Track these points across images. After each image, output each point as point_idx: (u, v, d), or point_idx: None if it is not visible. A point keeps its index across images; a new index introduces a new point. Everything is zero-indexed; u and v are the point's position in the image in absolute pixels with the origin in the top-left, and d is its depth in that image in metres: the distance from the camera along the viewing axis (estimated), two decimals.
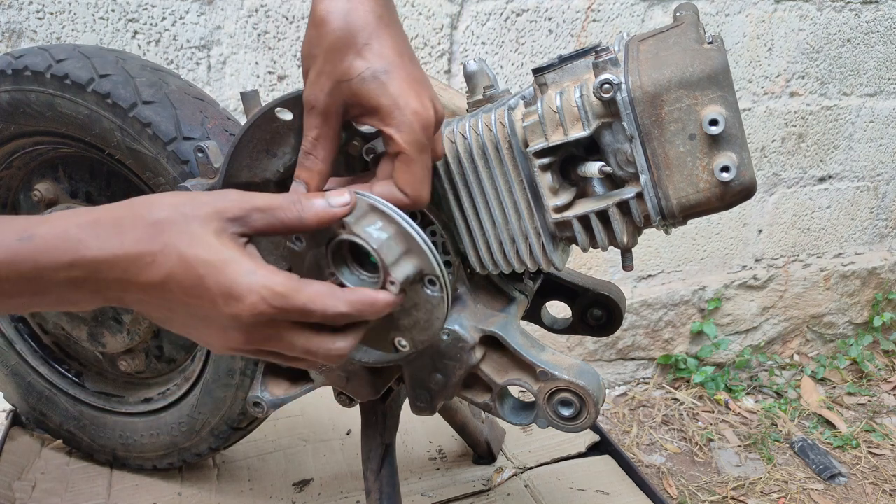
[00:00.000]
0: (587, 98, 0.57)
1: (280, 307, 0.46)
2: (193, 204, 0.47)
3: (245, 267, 0.45)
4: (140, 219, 0.46)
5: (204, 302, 0.46)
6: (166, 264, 0.45)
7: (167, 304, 0.47)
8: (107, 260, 0.45)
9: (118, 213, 0.46)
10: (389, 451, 0.79)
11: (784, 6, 1.66)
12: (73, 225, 0.45)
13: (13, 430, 1.16)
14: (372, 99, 0.51)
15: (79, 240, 0.44)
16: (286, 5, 1.26)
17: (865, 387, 2.05)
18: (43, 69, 0.82)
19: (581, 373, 0.63)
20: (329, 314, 0.47)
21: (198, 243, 0.45)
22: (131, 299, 0.47)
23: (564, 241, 0.65)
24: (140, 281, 0.45)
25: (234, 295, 0.45)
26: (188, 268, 0.45)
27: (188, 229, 0.45)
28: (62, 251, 0.44)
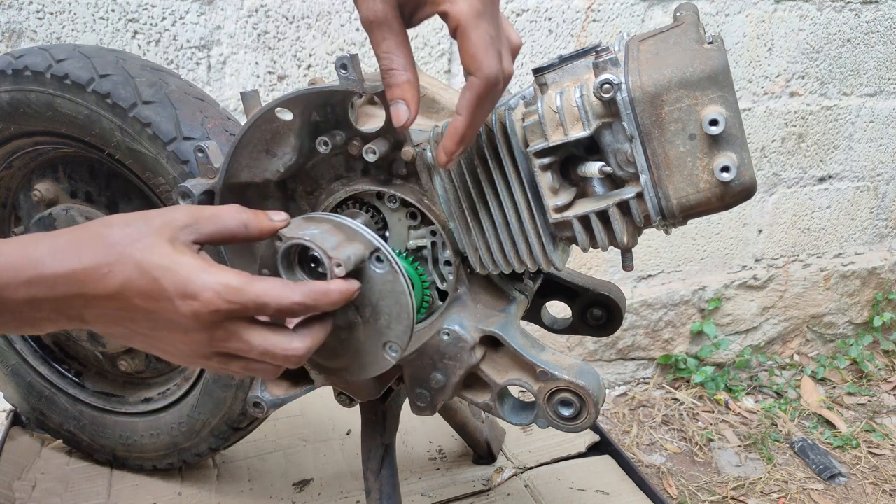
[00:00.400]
0: (587, 98, 0.57)
1: (235, 301, 0.47)
2: (146, 219, 0.49)
3: (199, 267, 0.47)
4: (96, 236, 0.48)
5: (162, 304, 0.47)
6: (122, 273, 0.47)
7: (128, 314, 0.48)
8: (64, 275, 0.46)
9: (76, 233, 0.48)
10: (389, 451, 0.79)
11: (784, 6, 1.66)
12: (33, 247, 0.47)
13: (13, 430, 1.16)
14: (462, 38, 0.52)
15: (37, 258, 0.46)
16: (286, 5, 1.26)
17: (865, 387, 2.05)
18: (43, 69, 0.82)
19: (581, 373, 0.63)
20: (284, 305, 0.49)
21: (152, 250, 0.47)
22: (91, 315, 0.49)
23: (564, 241, 0.65)
24: (98, 293, 0.47)
25: (190, 293, 0.47)
26: (143, 273, 0.47)
27: (143, 240, 0.47)
28: (21, 269, 0.46)
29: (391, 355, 0.59)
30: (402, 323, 0.58)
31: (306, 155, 0.66)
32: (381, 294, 0.57)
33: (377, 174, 0.66)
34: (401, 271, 0.57)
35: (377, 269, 0.57)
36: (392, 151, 0.64)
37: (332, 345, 0.59)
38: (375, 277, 0.57)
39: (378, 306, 0.58)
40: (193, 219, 0.50)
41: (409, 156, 0.63)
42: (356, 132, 0.63)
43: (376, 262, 0.56)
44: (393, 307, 0.58)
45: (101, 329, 0.51)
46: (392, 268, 0.56)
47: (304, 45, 1.31)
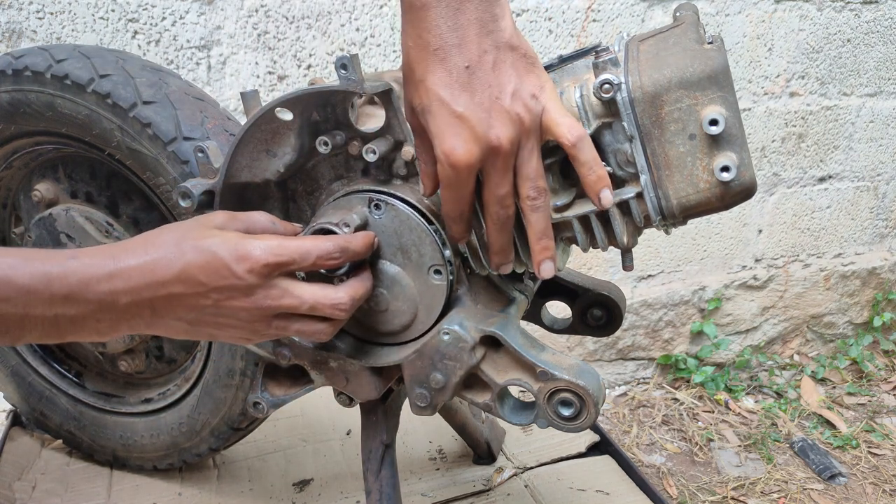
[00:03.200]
0: (587, 98, 0.57)
1: (281, 254, 0.56)
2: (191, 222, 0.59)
3: (245, 236, 0.57)
4: (161, 237, 0.57)
5: (222, 272, 0.55)
6: (184, 256, 0.55)
7: (194, 293, 0.56)
8: (138, 266, 0.54)
9: (143, 237, 0.57)
10: (389, 451, 0.79)
11: (784, 6, 1.66)
12: (108, 248, 0.56)
13: (13, 430, 1.16)
14: (426, 129, 0.55)
15: (114, 255, 0.54)
16: (286, 5, 1.26)
17: (865, 387, 2.05)
18: (43, 69, 0.82)
19: (581, 373, 0.63)
20: (322, 251, 0.58)
21: (204, 235, 0.56)
22: (160, 303, 0.56)
23: (564, 242, 0.65)
24: (166, 277, 0.55)
25: (244, 255, 0.55)
26: (201, 251, 0.55)
27: (193, 231, 0.57)
28: (104, 265, 0.54)
29: (437, 279, 0.65)
30: (426, 244, 0.63)
31: (306, 155, 0.66)
32: (397, 233, 0.64)
33: (377, 174, 0.66)
34: (398, 200, 0.63)
35: (379, 215, 0.64)
36: (392, 151, 0.64)
37: (396, 307, 0.67)
38: (384, 222, 0.64)
39: (402, 245, 0.64)
40: (230, 219, 0.60)
41: (409, 156, 0.63)
42: (356, 132, 0.63)
43: (375, 209, 0.64)
44: (412, 236, 0.64)
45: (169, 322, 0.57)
46: (389, 204, 0.63)
47: (304, 45, 1.31)
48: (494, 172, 0.54)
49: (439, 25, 0.51)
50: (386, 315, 0.69)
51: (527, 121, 0.53)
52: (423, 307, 0.67)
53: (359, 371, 0.70)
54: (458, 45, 0.52)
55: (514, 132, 0.53)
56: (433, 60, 0.52)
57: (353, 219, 0.62)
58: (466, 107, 0.52)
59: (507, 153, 0.53)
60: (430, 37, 0.52)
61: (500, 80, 0.53)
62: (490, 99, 0.52)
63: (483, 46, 0.52)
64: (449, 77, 0.52)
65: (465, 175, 0.54)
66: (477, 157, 0.53)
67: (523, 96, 0.53)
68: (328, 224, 0.62)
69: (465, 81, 0.52)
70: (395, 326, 0.69)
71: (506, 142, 0.53)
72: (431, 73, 0.52)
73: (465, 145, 0.52)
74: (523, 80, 0.54)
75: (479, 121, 0.52)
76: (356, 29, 1.33)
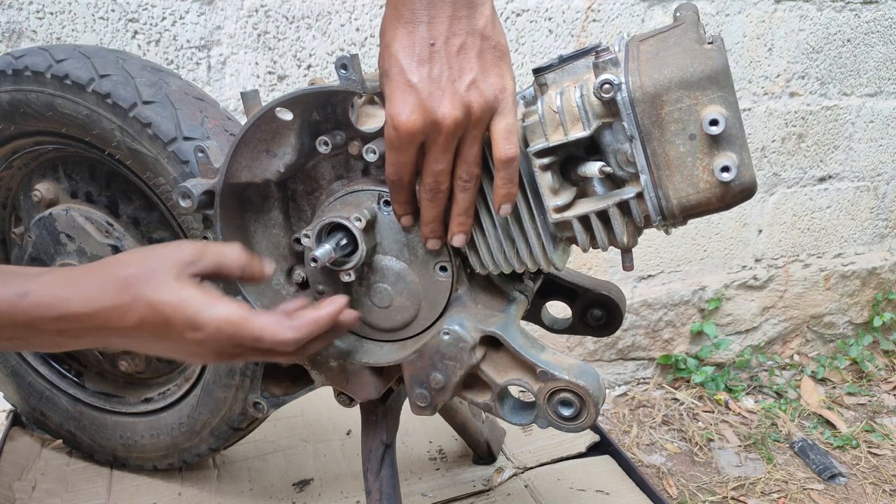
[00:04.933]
0: (587, 98, 0.57)
1: (234, 334, 0.56)
2: (155, 257, 0.57)
3: (203, 302, 0.55)
4: (113, 276, 0.55)
5: (173, 334, 0.55)
6: (138, 312, 0.55)
7: (145, 340, 0.57)
8: (88, 314, 0.54)
9: (97, 274, 0.56)
10: (389, 451, 0.79)
11: (784, 6, 1.66)
12: (60, 284, 0.55)
13: (13, 430, 1.16)
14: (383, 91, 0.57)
15: (66, 298, 0.54)
16: (286, 5, 1.26)
17: (865, 387, 2.05)
18: (43, 69, 0.82)
19: (581, 373, 0.63)
20: (279, 341, 0.57)
21: (161, 289, 0.55)
22: (112, 342, 0.57)
23: (565, 242, 0.65)
24: (119, 327, 0.55)
25: (197, 326, 0.55)
26: (156, 312, 0.55)
27: (153, 279, 0.55)
28: (52, 307, 0.54)
29: (442, 275, 0.66)
30: None
31: (306, 155, 0.66)
32: (403, 230, 0.65)
33: (377, 174, 0.66)
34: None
35: (388, 211, 0.65)
36: None
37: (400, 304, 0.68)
38: (392, 218, 0.65)
39: (409, 241, 0.65)
40: (198, 255, 0.57)
41: None
42: (356, 132, 0.63)
43: (384, 206, 0.65)
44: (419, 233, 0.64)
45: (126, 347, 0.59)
46: None
47: (304, 45, 1.31)
48: (434, 147, 0.56)
49: (413, 1, 0.53)
50: (389, 311, 0.69)
51: (476, 112, 0.55)
52: (426, 303, 0.67)
53: (359, 371, 0.70)
54: (427, 23, 0.53)
55: (461, 116, 0.55)
56: (402, 31, 0.54)
57: (364, 214, 0.63)
58: (421, 78, 0.54)
59: (449, 132, 0.55)
60: (404, 9, 0.54)
61: (462, 65, 0.54)
62: (448, 79, 0.54)
63: (453, 29, 0.54)
64: (412, 48, 0.54)
65: (406, 140, 0.55)
66: (419, 127, 0.54)
67: (481, 87, 0.55)
68: (340, 218, 0.62)
69: (426, 57, 0.54)
70: (397, 323, 0.69)
71: (450, 121, 0.54)
72: (397, 41, 0.54)
73: (410, 112, 0.54)
74: (486, 72, 0.55)
75: (430, 94, 0.54)
76: (356, 29, 1.33)
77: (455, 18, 0.53)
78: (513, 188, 0.58)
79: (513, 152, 0.56)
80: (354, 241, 0.64)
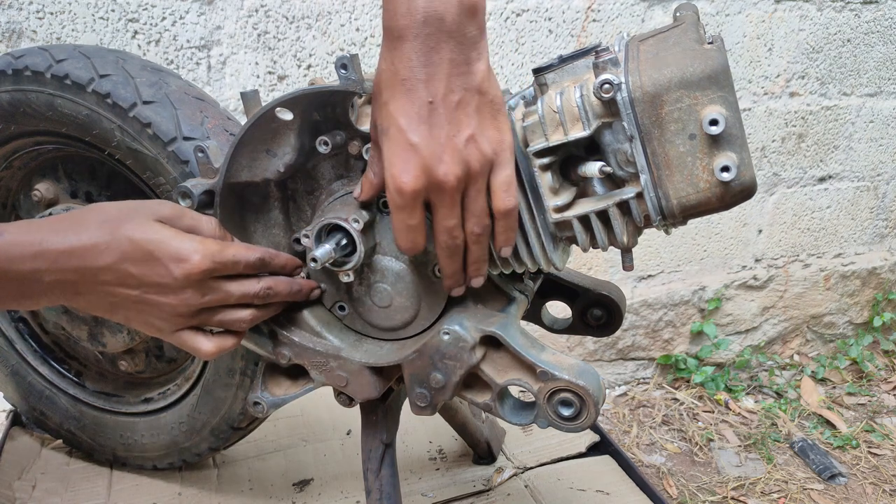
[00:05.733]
0: (587, 98, 0.57)
1: (218, 259, 0.59)
2: (134, 204, 0.59)
3: (185, 237, 0.58)
4: (93, 219, 0.57)
5: (156, 269, 0.57)
6: (119, 248, 0.56)
7: (121, 283, 0.57)
8: (66, 251, 0.55)
9: (74, 216, 0.57)
10: (389, 450, 0.79)
11: (784, 6, 1.66)
12: (36, 227, 0.56)
13: (13, 430, 1.16)
14: (380, 150, 0.57)
15: (41, 237, 0.55)
16: (286, 5, 1.26)
17: (865, 387, 2.05)
18: (43, 69, 0.82)
19: (581, 373, 0.63)
20: (250, 259, 0.62)
21: (143, 228, 0.57)
22: (85, 286, 0.57)
23: (565, 241, 0.65)
24: (96, 265, 0.56)
25: (183, 257, 0.57)
26: (138, 247, 0.56)
27: (133, 219, 0.57)
28: (29, 244, 0.54)
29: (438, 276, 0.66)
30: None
31: (306, 155, 0.66)
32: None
33: None
34: None
35: (387, 212, 0.64)
36: None
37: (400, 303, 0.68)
38: None
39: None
40: (176, 214, 0.60)
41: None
42: (356, 132, 0.63)
43: (384, 206, 0.65)
44: None
45: (90, 300, 0.59)
46: None
47: (304, 45, 1.31)
48: (441, 205, 0.57)
49: (412, 59, 0.53)
50: (389, 311, 0.69)
51: (476, 167, 0.55)
52: (425, 304, 0.67)
53: (359, 371, 0.70)
54: (425, 81, 0.53)
55: (462, 172, 0.55)
56: (400, 89, 0.54)
57: (362, 215, 0.63)
58: (421, 138, 0.54)
59: (452, 189, 0.55)
60: (402, 67, 0.53)
61: (460, 120, 0.54)
62: (447, 136, 0.54)
63: (451, 86, 0.54)
64: (411, 108, 0.54)
65: (410, 201, 0.56)
66: (422, 187, 0.55)
67: (479, 142, 0.55)
68: (338, 220, 0.63)
69: (426, 115, 0.54)
70: (397, 322, 0.69)
71: (452, 178, 0.55)
72: (395, 99, 0.54)
73: (412, 174, 0.54)
74: (484, 126, 0.55)
75: (431, 154, 0.54)
76: (356, 29, 1.33)
77: (452, 75, 0.53)
78: (512, 234, 0.60)
79: (511, 204, 0.57)
80: (354, 242, 0.64)
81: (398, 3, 0.52)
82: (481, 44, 0.55)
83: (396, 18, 0.53)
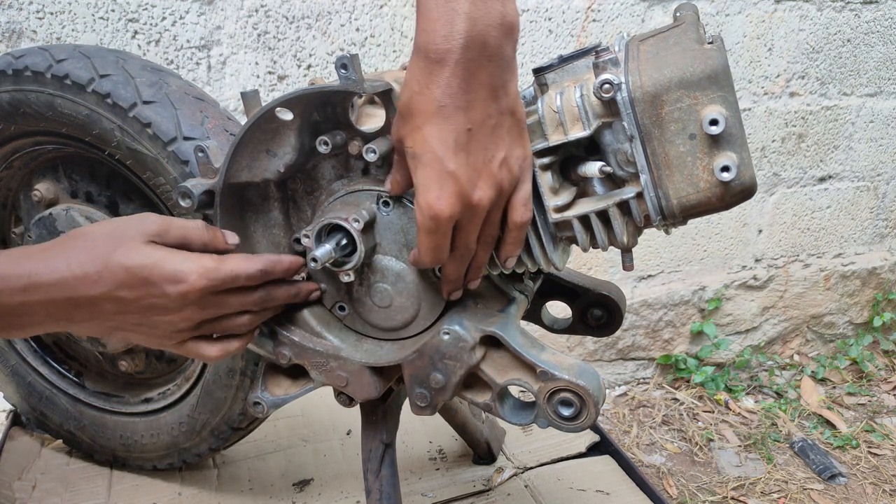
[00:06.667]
0: (587, 98, 0.57)
1: (215, 277, 0.58)
2: (121, 227, 0.57)
3: (179, 257, 0.57)
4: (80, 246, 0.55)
5: (153, 292, 0.56)
6: (112, 277, 0.55)
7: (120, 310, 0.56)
8: (57, 283, 0.54)
9: (62, 243, 0.56)
10: (389, 450, 0.79)
11: (784, 6, 1.66)
12: (25, 256, 0.54)
13: (13, 430, 1.16)
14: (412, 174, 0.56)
15: (31, 269, 0.53)
16: (286, 5, 1.26)
17: (865, 387, 2.05)
18: (43, 69, 0.82)
19: (581, 373, 0.63)
20: (251, 272, 0.61)
21: (135, 253, 0.55)
22: (80, 316, 0.56)
23: (565, 241, 0.65)
24: (89, 295, 0.54)
25: (179, 278, 0.56)
26: (132, 274, 0.55)
27: (124, 245, 0.55)
28: (17, 277, 0.53)
29: None
30: None
31: (306, 155, 0.66)
32: (403, 230, 0.65)
33: (377, 174, 0.66)
34: (409, 200, 0.63)
35: (387, 212, 0.64)
36: (392, 151, 0.64)
37: (400, 303, 0.68)
38: (391, 219, 0.64)
39: (408, 242, 0.65)
40: (164, 228, 0.58)
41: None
42: (356, 132, 0.63)
43: (384, 206, 0.64)
44: None
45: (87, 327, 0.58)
46: (397, 202, 0.64)
47: (304, 45, 1.31)
48: (469, 224, 0.56)
49: (451, 85, 0.51)
50: (389, 311, 0.69)
51: (506, 187, 0.56)
52: (425, 304, 0.67)
53: (359, 371, 0.70)
54: (465, 109, 0.52)
55: (495, 195, 0.55)
56: (437, 115, 0.52)
57: (362, 215, 0.63)
58: (459, 166, 0.53)
59: (483, 211, 0.56)
60: (440, 93, 0.51)
61: (497, 143, 0.54)
62: (483, 161, 0.54)
63: (489, 111, 0.53)
64: (449, 135, 0.52)
65: (445, 227, 0.55)
66: (458, 212, 0.55)
67: (510, 163, 0.55)
68: (338, 220, 0.63)
69: (464, 143, 0.53)
70: (397, 322, 0.69)
71: (486, 202, 0.55)
72: (432, 125, 0.52)
73: (448, 200, 0.54)
74: (513, 147, 0.55)
75: (468, 181, 0.54)
76: (356, 29, 1.33)
77: (490, 100, 0.52)
78: (519, 246, 0.60)
79: (527, 218, 0.58)
80: (354, 242, 0.64)
81: (437, 25, 0.50)
82: (514, 63, 0.54)
83: (436, 41, 0.50)
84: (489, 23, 0.50)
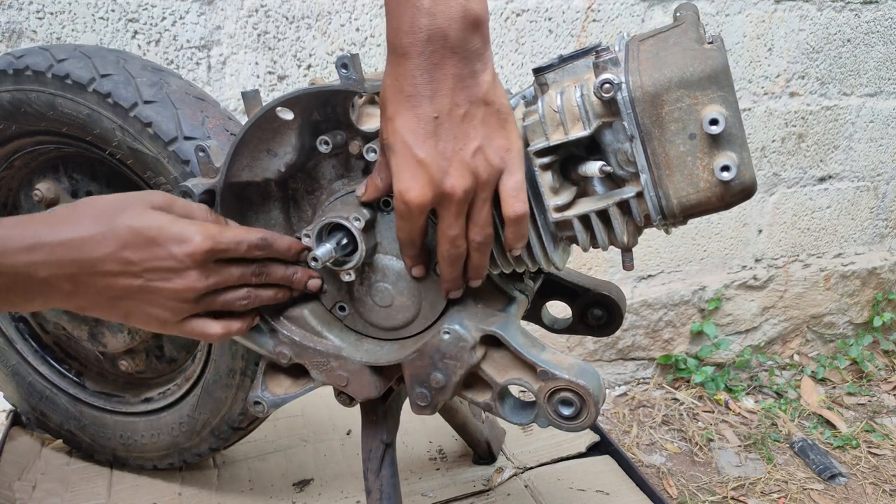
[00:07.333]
0: (588, 98, 0.57)
1: (219, 240, 0.59)
2: (128, 196, 0.59)
3: (184, 221, 0.59)
4: (87, 212, 0.56)
5: (159, 253, 0.57)
6: (117, 237, 0.55)
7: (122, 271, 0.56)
8: (62, 242, 0.54)
9: (68, 209, 0.57)
10: (390, 450, 0.79)
11: (784, 6, 1.66)
12: (29, 221, 0.55)
13: (13, 430, 1.16)
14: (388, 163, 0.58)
15: (36, 230, 0.54)
16: (286, 5, 1.27)
17: (865, 387, 2.05)
18: (44, 69, 0.82)
19: (581, 372, 0.63)
20: (252, 240, 0.62)
21: (141, 216, 0.57)
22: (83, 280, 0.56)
23: (565, 241, 0.65)
24: (95, 255, 0.55)
25: (186, 238, 0.57)
26: (138, 233, 0.56)
27: (129, 210, 0.57)
28: (22, 237, 0.53)
29: None
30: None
31: (307, 154, 0.66)
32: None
33: None
34: None
35: (388, 211, 0.64)
36: None
37: (401, 303, 0.68)
38: (392, 218, 0.64)
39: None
40: (169, 203, 0.60)
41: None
42: (357, 132, 0.63)
43: (384, 206, 0.65)
44: None
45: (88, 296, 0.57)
46: None
47: (304, 45, 1.31)
48: (447, 215, 0.57)
49: (415, 76, 0.53)
50: (390, 310, 0.69)
51: (483, 176, 0.56)
52: (426, 303, 0.67)
53: (359, 370, 0.70)
54: (430, 97, 0.54)
55: (469, 183, 0.56)
56: (405, 105, 0.54)
57: (363, 214, 0.63)
58: (428, 153, 0.54)
59: (459, 201, 0.56)
60: (406, 83, 0.54)
61: (467, 132, 0.55)
62: (453, 149, 0.55)
63: (456, 100, 0.54)
64: (416, 123, 0.54)
65: (417, 213, 0.57)
66: (429, 200, 0.56)
67: (486, 152, 0.56)
68: (339, 219, 0.63)
69: (431, 130, 0.54)
70: (398, 322, 0.69)
71: (459, 191, 0.56)
72: (401, 115, 0.54)
73: (419, 188, 0.55)
74: (491, 136, 0.56)
75: (438, 168, 0.55)
76: (356, 29, 1.33)
77: (457, 89, 0.54)
78: (523, 239, 0.60)
79: (521, 210, 0.57)
80: (355, 241, 0.64)
81: (402, 21, 0.53)
82: (486, 55, 0.55)
83: (400, 36, 0.53)
84: (450, 16, 0.52)
